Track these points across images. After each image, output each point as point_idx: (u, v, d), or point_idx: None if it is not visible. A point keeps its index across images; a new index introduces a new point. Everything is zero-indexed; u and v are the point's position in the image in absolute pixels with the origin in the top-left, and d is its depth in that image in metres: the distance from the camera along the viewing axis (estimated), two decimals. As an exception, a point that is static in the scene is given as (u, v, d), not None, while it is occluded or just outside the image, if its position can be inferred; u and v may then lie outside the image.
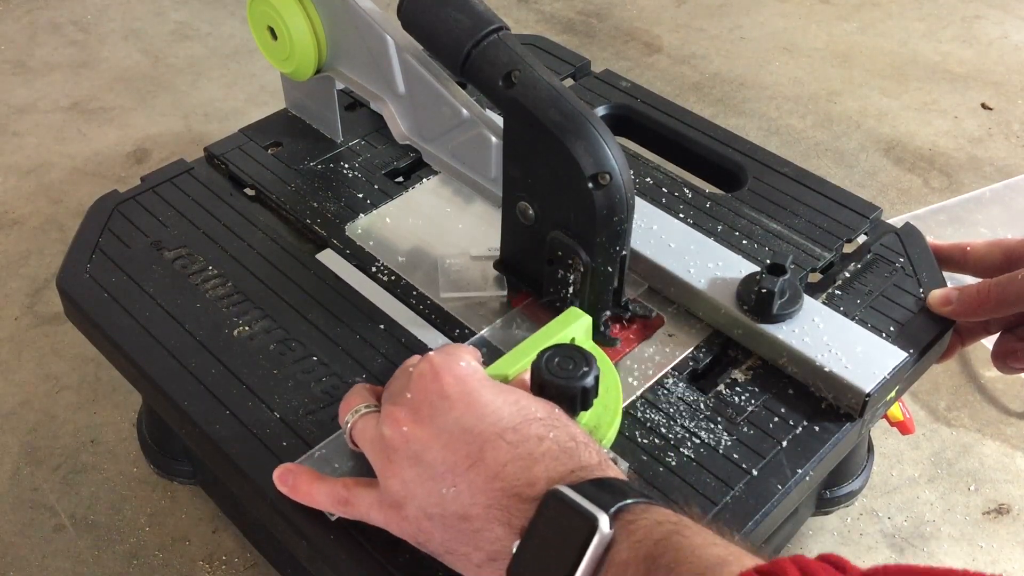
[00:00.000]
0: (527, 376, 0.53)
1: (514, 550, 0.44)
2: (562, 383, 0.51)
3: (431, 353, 0.50)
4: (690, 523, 0.42)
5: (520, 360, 0.54)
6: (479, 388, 0.48)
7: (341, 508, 0.51)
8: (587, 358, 0.52)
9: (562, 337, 0.56)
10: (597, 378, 0.52)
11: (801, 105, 1.26)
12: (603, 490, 0.43)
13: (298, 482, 0.53)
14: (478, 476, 0.46)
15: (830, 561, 0.37)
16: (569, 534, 0.42)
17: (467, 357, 0.50)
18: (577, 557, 0.41)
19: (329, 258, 0.71)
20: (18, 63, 1.33)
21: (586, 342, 0.59)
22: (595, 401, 0.53)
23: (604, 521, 0.41)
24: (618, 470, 0.47)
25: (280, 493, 0.54)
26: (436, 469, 0.47)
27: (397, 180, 0.79)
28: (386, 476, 0.49)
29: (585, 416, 0.55)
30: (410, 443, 0.47)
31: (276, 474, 0.54)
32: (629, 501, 0.43)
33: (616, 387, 0.58)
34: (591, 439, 0.48)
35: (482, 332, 0.65)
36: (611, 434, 0.57)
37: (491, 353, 0.61)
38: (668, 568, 0.39)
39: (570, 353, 0.52)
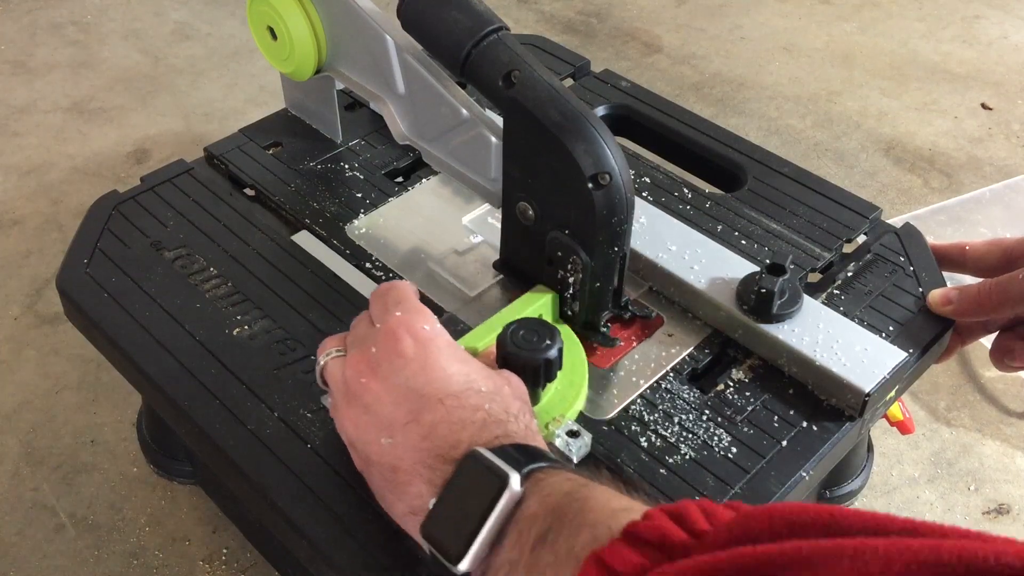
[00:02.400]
0: (494, 349, 0.56)
1: (430, 506, 0.46)
2: (526, 355, 0.54)
3: (397, 311, 0.52)
4: (597, 484, 0.44)
5: (489, 334, 0.58)
6: (436, 353, 0.50)
7: (332, 412, 0.55)
8: (551, 332, 0.55)
9: (529, 313, 0.59)
10: (560, 351, 0.54)
11: (801, 105, 1.26)
12: (520, 453, 0.46)
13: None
14: (412, 433, 0.48)
15: (732, 507, 0.38)
16: (481, 491, 0.44)
17: (432, 319, 0.53)
18: (486, 512, 0.43)
19: (324, 254, 0.72)
20: (18, 63, 1.33)
21: (549, 317, 0.62)
22: (559, 374, 0.57)
23: (515, 479, 0.43)
24: (541, 440, 0.50)
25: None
26: (381, 420, 0.50)
27: (397, 180, 0.79)
28: (342, 416, 0.52)
29: (550, 389, 0.57)
30: (365, 393, 0.50)
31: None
32: (543, 464, 0.45)
33: (582, 363, 0.60)
34: (526, 415, 0.50)
35: (453, 308, 0.67)
36: (577, 406, 0.59)
37: (463, 329, 0.63)
38: (574, 516, 0.41)
39: (535, 327, 0.55)
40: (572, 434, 0.56)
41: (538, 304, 0.61)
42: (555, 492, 0.43)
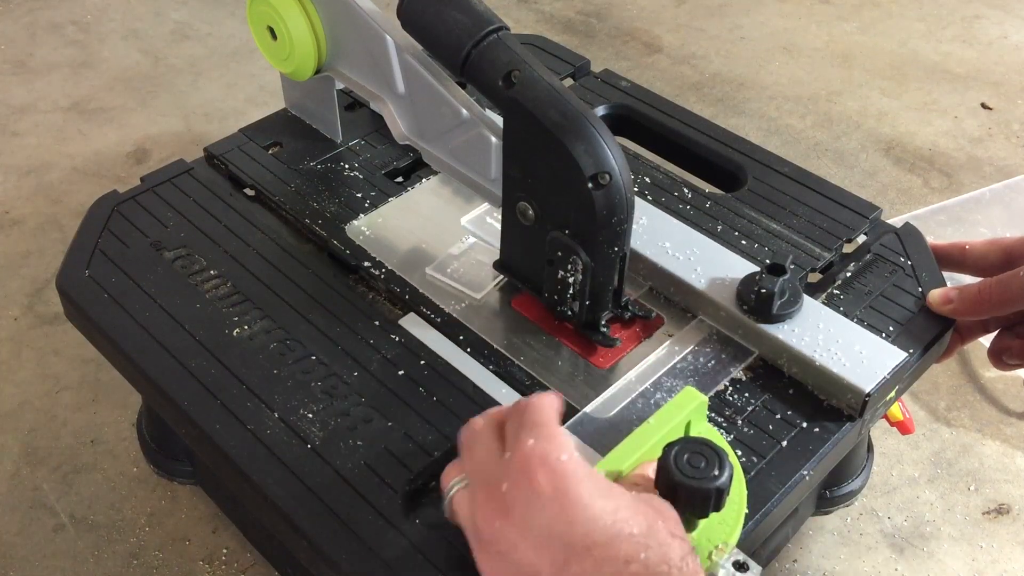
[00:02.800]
0: (646, 469, 0.50)
1: None
2: (695, 484, 0.47)
3: (529, 440, 0.46)
4: None
5: (635, 452, 0.51)
6: (576, 488, 0.45)
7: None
8: (719, 454, 0.48)
9: (678, 423, 0.53)
10: (731, 477, 0.48)
11: (801, 105, 1.26)
12: None
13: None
14: None
15: None
16: None
17: (569, 447, 0.46)
18: None
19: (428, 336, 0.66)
20: (18, 63, 1.33)
21: (701, 424, 0.55)
22: None
23: None
24: None
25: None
26: (522, 569, 0.45)
27: (397, 180, 0.79)
28: (480, 562, 0.48)
29: (716, 516, 0.50)
30: (500, 539, 0.46)
31: None
32: None
33: (740, 481, 0.54)
34: (688, 562, 0.44)
35: (585, 409, 0.60)
36: (738, 531, 0.52)
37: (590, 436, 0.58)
38: None
39: (699, 448, 0.48)
40: (739, 566, 0.50)
41: (687, 412, 0.54)
42: None
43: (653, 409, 0.60)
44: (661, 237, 0.69)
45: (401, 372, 0.62)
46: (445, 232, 0.73)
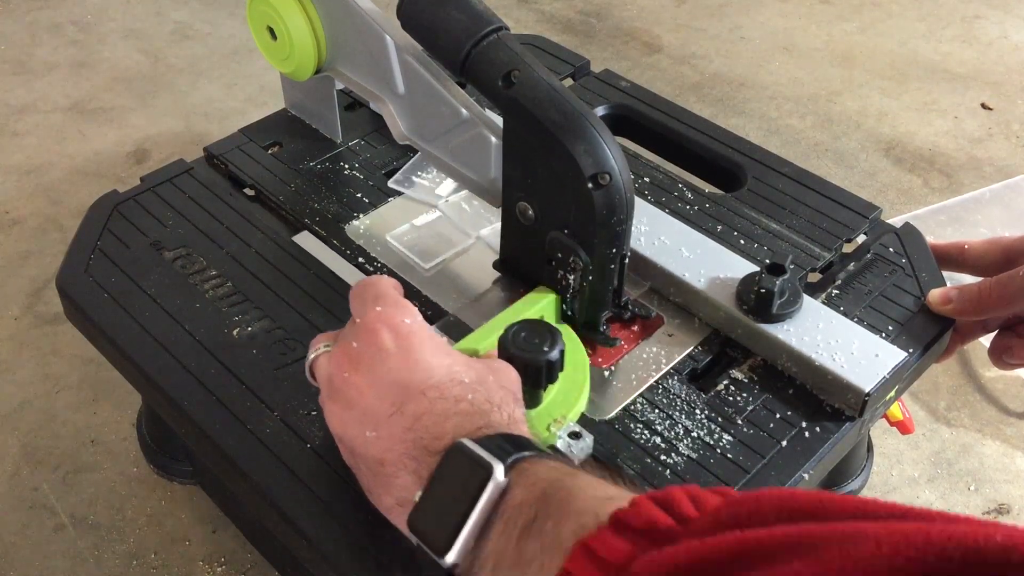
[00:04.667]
0: (495, 351, 0.55)
1: (416, 498, 0.46)
2: (528, 356, 0.53)
3: (377, 307, 0.52)
4: (583, 472, 0.44)
5: (490, 335, 0.57)
6: (417, 346, 0.51)
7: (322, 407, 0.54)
8: (553, 333, 0.54)
9: (531, 314, 0.59)
10: (562, 352, 0.54)
11: (801, 105, 1.26)
12: (504, 443, 0.45)
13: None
14: (396, 425, 0.48)
15: (720, 492, 0.38)
16: (466, 482, 0.44)
17: (412, 312, 0.53)
18: (472, 503, 0.43)
19: (325, 254, 0.71)
20: (18, 63, 1.33)
21: (551, 318, 0.62)
22: (561, 376, 0.56)
23: (499, 469, 0.43)
24: (526, 429, 0.50)
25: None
26: (365, 414, 0.50)
27: (397, 180, 0.79)
28: (328, 411, 0.52)
29: (552, 390, 0.57)
30: (348, 387, 0.51)
31: None
32: (527, 453, 0.45)
33: (583, 363, 0.60)
34: (510, 404, 0.50)
35: (454, 309, 0.66)
36: (578, 407, 0.59)
37: (461, 330, 0.63)
38: (560, 504, 0.41)
39: (536, 328, 0.55)
40: (574, 435, 0.55)
41: (540, 305, 0.61)
42: (540, 481, 0.43)
43: (653, 409, 0.60)
44: (661, 237, 0.69)
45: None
46: (446, 231, 0.73)
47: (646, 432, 0.59)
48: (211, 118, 1.23)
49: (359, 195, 0.76)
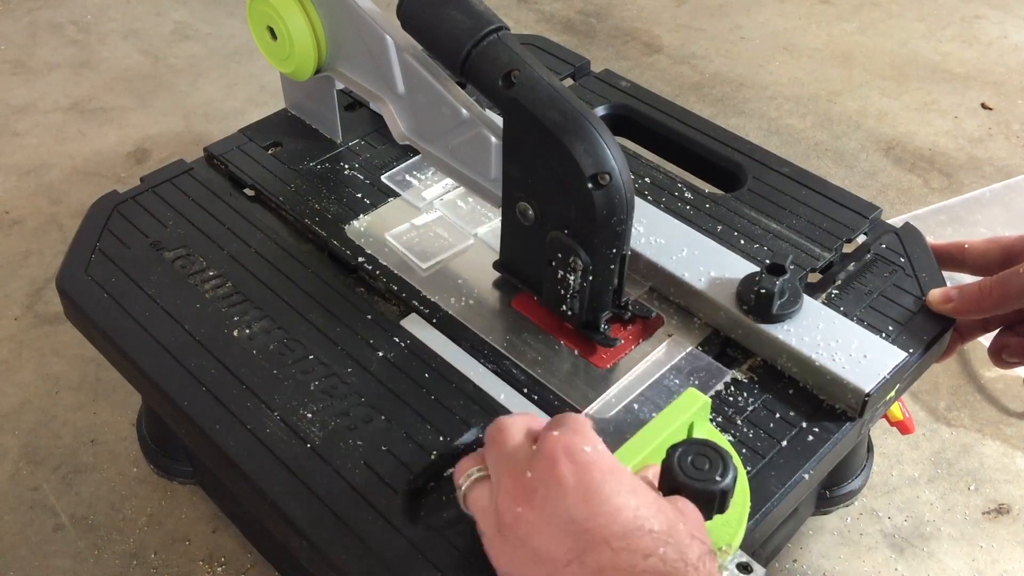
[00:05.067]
0: (648, 473, 0.50)
1: None
2: (699, 486, 0.47)
3: (555, 431, 0.47)
4: None
5: (638, 454, 0.51)
6: (600, 481, 0.45)
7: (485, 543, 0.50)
8: (723, 456, 0.48)
9: (682, 424, 0.53)
10: (735, 479, 0.48)
11: (801, 105, 1.26)
12: None
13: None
14: (574, 575, 0.44)
15: None
16: None
17: (594, 440, 0.47)
18: None
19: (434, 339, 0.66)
20: (18, 63, 1.33)
21: (703, 426, 0.56)
22: None
23: None
24: None
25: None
26: (540, 556, 0.45)
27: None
28: (494, 548, 0.48)
29: (719, 518, 0.51)
30: (521, 524, 0.46)
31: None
32: None
33: (743, 482, 0.54)
34: (707, 562, 0.44)
35: (585, 410, 0.61)
36: (741, 533, 0.52)
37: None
38: None
39: (703, 451, 0.48)
40: (743, 568, 0.50)
41: (691, 412, 0.54)
42: None
43: (653, 409, 0.60)
44: (661, 237, 0.69)
45: (401, 372, 0.62)
46: (444, 231, 0.73)
47: (646, 432, 0.59)
48: (211, 118, 1.23)
49: (359, 195, 0.76)
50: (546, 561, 0.45)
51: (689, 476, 0.47)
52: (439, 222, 0.74)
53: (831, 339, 0.62)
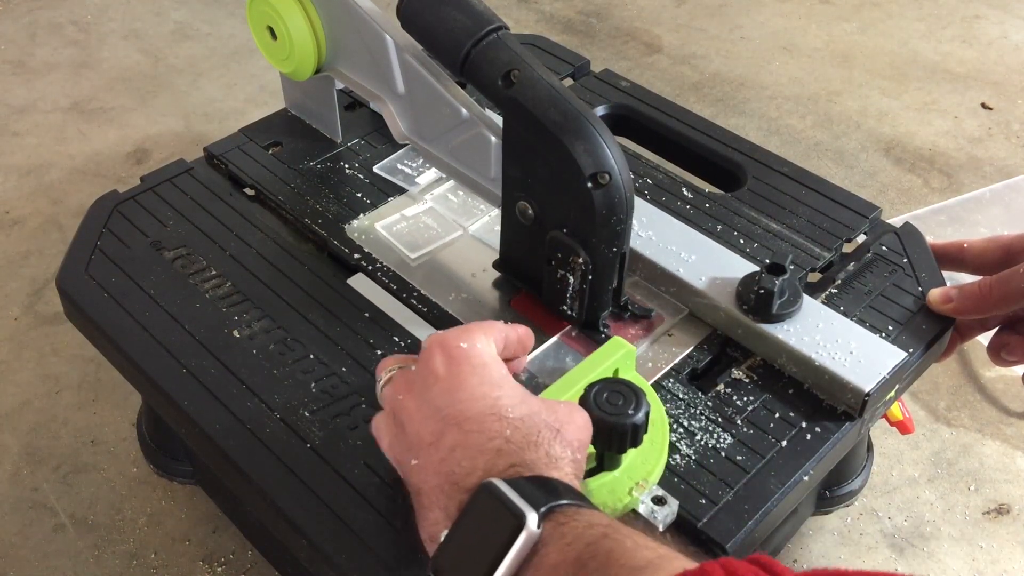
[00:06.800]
0: None
1: (441, 538, 0.43)
2: (612, 419, 0.49)
3: (449, 329, 0.51)
4: (622, 526, 0.41)
5: (564, 393, 0.53)
6: (468, 372, 0.48)
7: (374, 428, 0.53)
8: (636, 393, 0.51)
9: (606, 368, 0.55)
10: (647, 414, 0.50)
11: (801, 105, 1.26)
12: (538, 488, 0.42)
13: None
14: (433, 455, 0.47)
15: (759, 563, 0.36)
16: (495, 529, 0.41)
17: (479, 337, 0.50)
18: (500, 554, 0.40)
19: (379, 296, 0.68)
20: (18, 63, 1.33)
21: (629, 372, 0.57)
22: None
23: (532, 519, 0.40)
24: (566, 471, 0.46)
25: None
26: (411, 439, 0.48)
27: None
28: (381, 432, 0.51)
29: (631, 452, 0.53)
30: (401, 409, 0.49)
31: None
32: (563, 502, 0.42)
33: (663, 421, 0.57)
34: (556, 444, 0.46)
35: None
36: (659, 469, 0.55)
37: (541, 384, 0.59)
38: (597, 572, 0.38)
39: (618, 388, 0.51)
40: (658, 501, 0.53)
41: (614, 359, 0.56)
42: (576, 541, 0.40)
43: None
44: (661, 237, 0.69)
45: (401, 372, 0.62)
46: (434, 223, 0.73)
47: (646, 432, 0.59)
48: (211, 118, 1.23)
49: (359, 195, 0.76)
50: (415, 443, 0.48)
51: (603, 410, 0.50)
52: (429, 213, 0.74)
53: (831, 339, 0.62)
